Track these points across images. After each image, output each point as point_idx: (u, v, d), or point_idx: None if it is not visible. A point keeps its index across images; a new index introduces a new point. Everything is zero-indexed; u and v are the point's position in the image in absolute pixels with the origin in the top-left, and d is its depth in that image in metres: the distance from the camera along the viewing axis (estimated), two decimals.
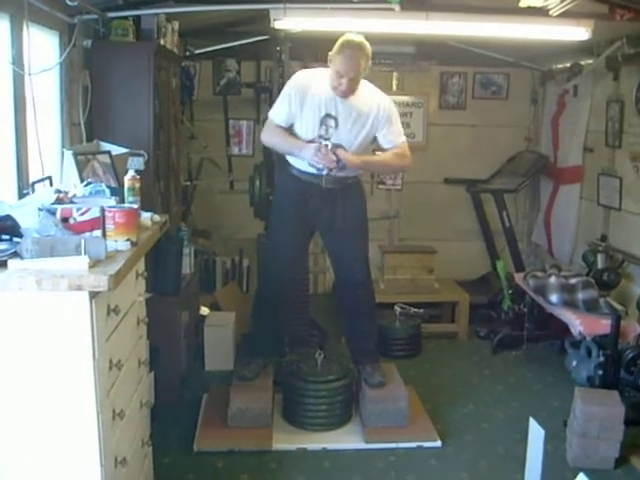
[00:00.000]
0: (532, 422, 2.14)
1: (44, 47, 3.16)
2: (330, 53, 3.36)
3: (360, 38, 3.35)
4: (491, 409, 4.03)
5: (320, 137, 3.42)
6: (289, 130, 3.51)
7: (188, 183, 5.27)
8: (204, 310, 4.86)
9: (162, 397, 3.60)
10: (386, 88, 5.74)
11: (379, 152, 3.64)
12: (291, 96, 3.45)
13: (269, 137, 3.57)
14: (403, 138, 3.59)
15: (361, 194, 3.76)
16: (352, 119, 3.43)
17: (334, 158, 3.35)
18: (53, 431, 2.09)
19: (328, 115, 3.42)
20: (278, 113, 3.51)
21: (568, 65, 5.32)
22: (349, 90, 3.36)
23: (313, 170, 3.47)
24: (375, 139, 3.55)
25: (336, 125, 3.43)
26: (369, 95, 3.49)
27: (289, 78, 4.73)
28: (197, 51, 5.15)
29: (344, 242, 3.69)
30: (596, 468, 3.20)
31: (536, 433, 2.11)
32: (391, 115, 3.51)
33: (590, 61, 5.05)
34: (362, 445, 3.56)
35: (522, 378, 4.50)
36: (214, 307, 5.01)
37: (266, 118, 5.33)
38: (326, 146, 3.36)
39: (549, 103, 5.83)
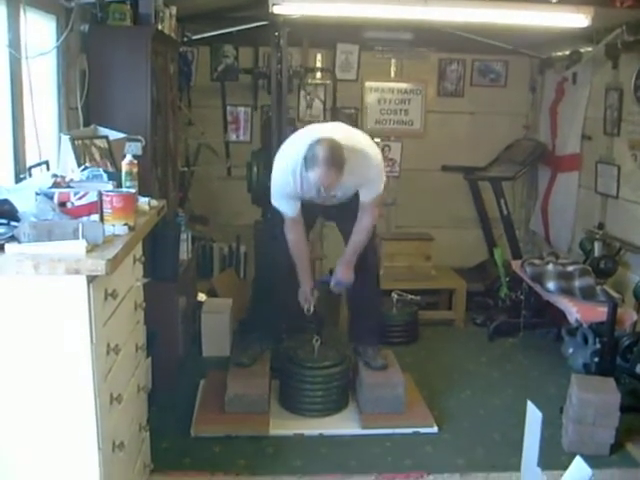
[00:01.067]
0: (530, 405, 2.15)
1: (41, 31, 3.13)
2: (304, 156, 3.32)
3: (328, 149, 3.24)
4: (487, 395, 4.05)
5: (318, 198, 3.50)
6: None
7: (185, 169, 5.25)
8: (201, 296, 4.86)
9: (159, 382, 3.60)
10: (384, 75, 5.83)
11: None
12: (289, 187, 3.46)
13: (290, 245, 3.64)
14: (379, 192, 3.58)
15: None
16: (343, 187, 3.47)
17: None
18: (51, 415, 2.09)
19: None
20: (284, 206, 3.55)
21: (567, 53, 5.30)
22: (331, 189, 3.39)
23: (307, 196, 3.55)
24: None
25: (330, 191, 3.46)
26: (357, 171, 3.43)
27: (287, 64, 4.77)
28: (195, 37, 5.11)
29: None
30: (592, 454, 3.21)
31: (534, 416, 2.12)
32: (375, 181, 3.53)
33: (589, 49, 5.03)
34: (359, 431, 3.58)
35: (518, 365, 4.52)
36: (211, 293, 5.02)
37: (264, 105, 5.43)
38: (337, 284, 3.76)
39: (548, 91, 5.81)
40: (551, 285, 4.28)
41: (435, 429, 3.60)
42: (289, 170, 3.43)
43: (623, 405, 3.32)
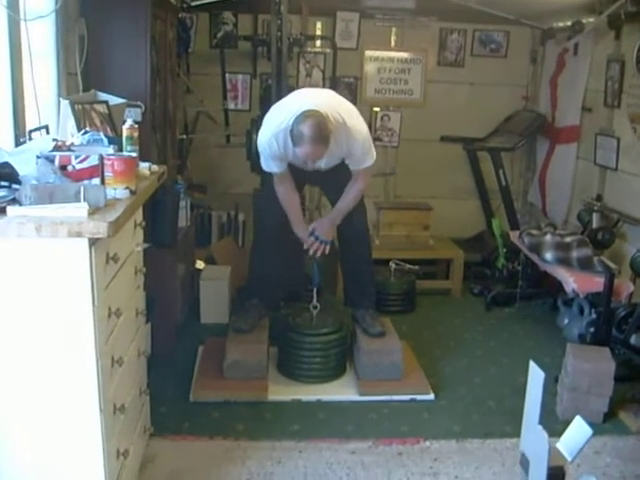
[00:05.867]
0: (532, 365, 2.18)
1: None
2: (290, 132, 3.33)
3: (312, 126, 3.24)
4: (483, 364, 4.09)
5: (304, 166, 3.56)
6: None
7: (184, 137, 5.23)
8: (200, 264, 4.88)
9: (158, 348, 3.64)
10: (384, 44, 5.78)
11: None
12: (273, 151, 3.49)
13: (280, 196, 3.71)
14: (369, 163, 3.61)
15: None
16: (327, 159, 3.50)
17: (321, 247, 3.71)
18: (53, 377, 2.12)
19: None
20: (271, 166, 3.60)
21: (569, 23, 5.26)
22: (317, 161, 3.44)
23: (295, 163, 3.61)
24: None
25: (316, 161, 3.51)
26: (344, 137, 3.44)
27: (287, 32, 4.73)
28: (193, 3, 5.06)
29: (340, 191, 3.72)
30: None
31: (536, 375, 2.15)
32: (363, 149, 3.54)
33: (591, 19, 4.99)
34: (356, 397, 3.62)
35: (514, 334, 4.56)
36: (209, 261, 5.03)
37: (263, 73, 5.40)
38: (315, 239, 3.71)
39: (548, 62, 5.78)
40: (549, 255, 4.30)
41: (432, 396, 3.64)
42: (273, 137, 3.45)
43: (617, 375, 3.36)
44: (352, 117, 3.50)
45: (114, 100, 3.28)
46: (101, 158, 2.25)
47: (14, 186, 2.13)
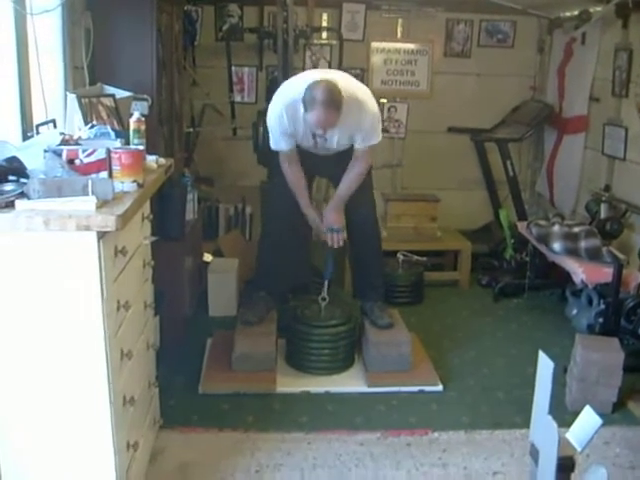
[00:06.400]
0: (541, 355, 2.18)
1: None
2: (302, 98, 3.34)
3: (325, 90, 3.28)
4: (492, 355, 4.09)
5: (315, 146, 3.61)
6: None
7: (190, 130, 5.23)
8: (207, 257, 4.88)
9: (167, 341, 3.63)
10: (391, 35, 5.76)
11: None
12: (282, 124, 3.50)
13: (288, 176, 3.70)
14: (374, 142, 3.62)
15: None
16: (338, 135, 3.53)
17: (336, 237, 3.71)
18: (63, 370, 2.13)
19: (317, 135, 3.52)
20: (279, 142, 3.61)
21: (576, 12, 5.22)
22: (328, 130, 3.44)
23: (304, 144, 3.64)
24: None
25: (326, 138, 3.54)
26: (355, 112, 3.46)
27: (293, 24, 4.72)
28: None
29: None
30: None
31: (545, 366, 2.15)
32: (372, 127, 3.56)
33: (599, 8, 4.96)
34: (365, 389, 3.62)
35: (523, 326, 4.55)
36: (217, 254, 5.03)
37: (269, 65, 5.39)
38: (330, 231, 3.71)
39: (556, 52, 5.75)
40: (557, 246, 4.29)
41: (440, 387, 3.64)
42: (284, 109, 3.47)
43: (626, 365, 3.35)
44: (364, 93, 3.55)
45: (121, 93, 3.29)
46: (108, 151, 2.26)
47: (22, 180, 2.13)
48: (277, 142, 3.62)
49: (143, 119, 2.73)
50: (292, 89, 3.48)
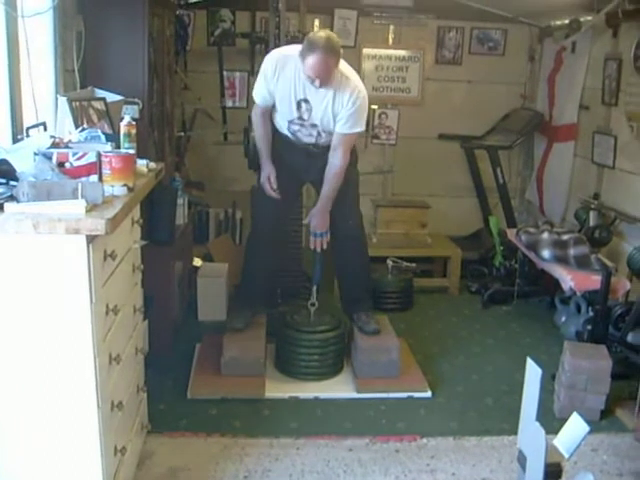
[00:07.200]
0: (529, 361, 2.19)
1: None
2: (299, 50, 3.36)
3: (327, 37, 3.32)
4: (481, 361, 4.10)
5: (299, 119, 3.58)
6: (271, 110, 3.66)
7: (182, 134, 5.23)
8: (197, 261, 4.87)
9: (156, 345, 3.64)
10: (382, 42, 5.78)
11: None
12: (267, 74, 3.52)
13: (256, 128, 3.74)
14: (356, 129, 3.58)
15: None
16: (323, 107, 3.52)
17: (319, 241, 3.78)
18: (50, 374, 2.11)
19: (304, 100, 3.52)
20: (258, 93, 3.63)
21: (567, 21, 5.26)
22: (323, 85, 3.42)
23: (292, 137, 3.67)
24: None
25: (311, 109, 3.54)
26: (343, 87, 3.47)
27: (285, 29, 4.73)
28: (191, 0, 5.05)
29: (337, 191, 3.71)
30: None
31: (533, 373, 2.15)
32: (357, 111, 3.52)
33: (589, 17, 5.00)
34: (353, 395, 3.62)
35: (512, 332, 4.56)
36: (207, 258, 5.03)
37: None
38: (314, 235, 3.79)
39: (546, 60, 5.79)
40: (546, 253, 4.30)
41: (429, 393, 3.64)
42: (281, 57, 3.52)
43: (614, 372, 3.37)
44: (356, 77, 3.56)
45: (112, 97, 3.28)
46: (99, 155, 2.25)
47: (12, 183, 2.13)
48: (257, 90, 3.62)
49: (134, 123, 2.73)
50: (292, 48, 3.52)
